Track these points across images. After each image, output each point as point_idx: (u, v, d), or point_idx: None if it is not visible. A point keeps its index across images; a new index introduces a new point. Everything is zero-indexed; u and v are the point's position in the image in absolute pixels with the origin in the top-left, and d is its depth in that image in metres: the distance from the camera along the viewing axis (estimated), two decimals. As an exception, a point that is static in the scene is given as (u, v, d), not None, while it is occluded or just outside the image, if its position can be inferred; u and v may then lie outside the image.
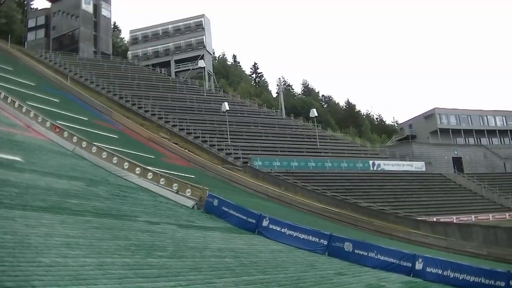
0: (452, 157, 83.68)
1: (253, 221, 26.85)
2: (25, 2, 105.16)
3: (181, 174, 39.05)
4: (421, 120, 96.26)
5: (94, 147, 36.51)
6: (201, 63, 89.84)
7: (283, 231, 25.81)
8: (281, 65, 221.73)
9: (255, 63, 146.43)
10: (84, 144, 37.03)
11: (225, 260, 17.76)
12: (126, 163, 34.44)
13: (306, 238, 25.18)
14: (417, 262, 23.26)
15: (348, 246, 24.39)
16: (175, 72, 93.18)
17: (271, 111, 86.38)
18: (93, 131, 47.55)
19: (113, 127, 58.53)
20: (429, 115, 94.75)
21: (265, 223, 26.43)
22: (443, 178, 76.01)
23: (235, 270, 16.42)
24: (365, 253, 24.02)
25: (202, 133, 66.28)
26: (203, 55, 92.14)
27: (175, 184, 31.73)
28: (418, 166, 75.93)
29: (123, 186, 30.17)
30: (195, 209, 29.57)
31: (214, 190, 32.53)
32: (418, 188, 68.75)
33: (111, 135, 51.52)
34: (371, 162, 72.16)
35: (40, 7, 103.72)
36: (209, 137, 65.58)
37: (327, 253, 24.50)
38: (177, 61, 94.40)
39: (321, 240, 24.96)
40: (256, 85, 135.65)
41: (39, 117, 41.17)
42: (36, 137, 37.96)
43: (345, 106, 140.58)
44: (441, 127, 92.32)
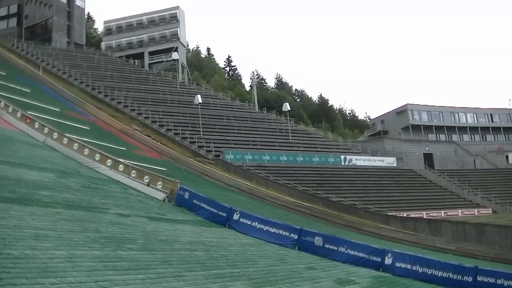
0: (423, 153, 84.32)
1: (224, 214, 26.86)
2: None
3: (152, 167, 38.93)
4: (393, 116, 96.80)
5: (65, 139, 36.30)
6: (175, 55, 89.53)
7: (253, 224, 25.86)
8: (255, 58, 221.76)
9: (229, 56, 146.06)
10: (55, 135, 36.79)
11: (195, 253, 17.78)
12: (98, 155, 34.31)
13: (276, 232, 25.25)
14: (386, 257, 23.44)
15: (318, 241, 24.49)
16: (149, 64, 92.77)
17: (244, 105, 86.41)
18: (64, 122, 47.25)
19: (85, 119, 58.15)
20: (401, 111, 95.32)
21: (236, 216, 26.46)
22: (414, 174, 76.52)
23: (205, 263, 16.45)
24: (335, 247, 24.15)
25: (174, 126, 66.08)
26: (177, 47, 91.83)
27: (146, 177, 31.66)
28: (390, 161, 76.33)
29: (94, 178, 30.05)
30: (166, 201, 29.52)
31: (185, 183, 32.54)
32: (389, 184, 69.13)
33: (83, 127, 51.19)
34: (342, 157, 72.41)
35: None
36: (182, 130, 65.40)
37: (297, 247, 24.60)
38: (150, 53, 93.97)
39: (292, 234, 25.05)
40: (230, 78, 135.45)
41: (10, 107, 40.81)
42: (6, 127, 37.68)
43: (318, 101, 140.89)
44: (412, 123, 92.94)
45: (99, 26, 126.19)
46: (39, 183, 22.69)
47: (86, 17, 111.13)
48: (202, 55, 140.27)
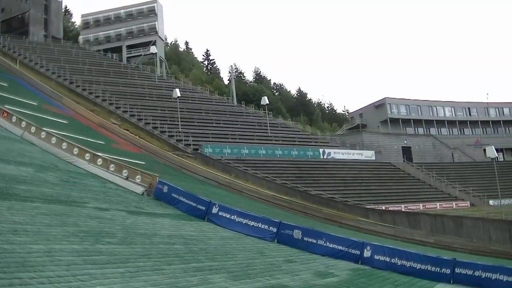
0: (402, 146, 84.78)
1: (203, 208, 26.87)
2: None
3: (131, 161, 38.84)
4: (372, 110, 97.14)
5: (43, 133, 36.10)
6: (153, 49, 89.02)
7: (232, 218, 25.89)
8: (234, 52, 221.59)
9: (207, 50, 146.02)
10: (33, 129, 36.57)
11: (174, 247, 17.78)
12: (76, 149, 34.18)
13: (255, 225, 25.30)
14: (365, 249, 23.60)
15: (297, 234, 24.58)
16: (127, 57, 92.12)
17: (222, 98, 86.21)
18: (42, 116, 46.96)
19: (63, 113, 57.82)
20: (380, 105, 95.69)
21: (214, 210, 26.47)
22: (392, 167, 76.87)
23: (184, 256, 16.46)
24: (314, 240, 24.25)
25: (153, 120, 65.92)
26: (155, 41, 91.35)
27: (125, 171, 31.60)
28: (368, 155, 76.60)
29: (72, 172, 29.93)
30: (144, 195, 29.49)
31: (164, 177, 32.46)
32: (368, 177, 69.36)
33: (61, 121, 50.91)
34: (321, 150, 72.57)
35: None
36: (160, 124, 65.26)
37: (276, 240, 24.68)
38: (128, 47, 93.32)
39: (271, 228, 25.11)
40: (208, 72, 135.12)
41: (-14, 101, 40.57)
42: (-17, 122, 37.44)
43: (297, 94, 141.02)
44: (391, 116, 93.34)
45: (77, 20, 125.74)
46: (17, 178, 22.55)
47: (63, 10, 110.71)
48: (180, 49, 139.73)
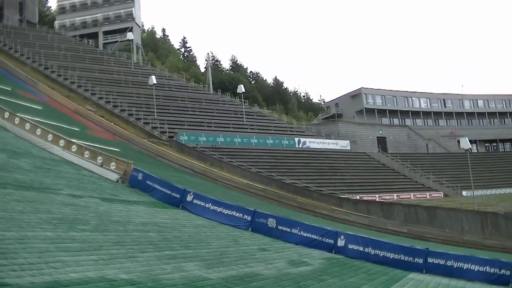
0: (377, 136, 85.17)
1: (178, 195, 26.81)
2: None
3: (106, 148, 38.61)
4: (348, 99, 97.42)
5: (17, 118, 35.79)
6: (129, 35, 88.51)
7: (207, 206, 25.84)
8: (210, 40, 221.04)
9: (184, 38, 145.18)
10: (6, 115, 36.22)
11: (148, 235, 17.71)
12: (50, 135, 33.94)
13: (230, 213, 25.28)
14: (339, 239, 23.70)
15: (271, 222, 24.61)
16: (103, 44, 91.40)
17: (198, 86, 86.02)
18: (16, 101, 46.54)
19: (38, 98, 57.38)
20: (356, 95, 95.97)
21: (189, 198, 26.42)
22: (367, 157, 77.25)
23: (158, 244, 16.41)
24: (288, 229, 24.30)
25: (128, 107, 65.70)
26: (131, 28, 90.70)
27: (99, 157, 31.43)
28: (343, 144, 76.91)
29: (46, 159, 29.73)
30: (119, 183, 29.38)
31: (139, 164, 32.38)
32: (343, 167, 69.72)
33: (35, 106, 50.47)
34: (296, 139, 72.76)
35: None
36: (136, 111, 65.08)
37: (250, 229, 24.69)
38: (105, 33, 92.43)
39: (245, 216, 25.11)
40: (185, 60, 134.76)
41: (-41, 86, 40.21)
42: (-44, 106, 37.09)
43: (273, 83, 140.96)
44: (367, 107, 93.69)
45: (52, 4, 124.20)
46: (-11, 164, 22.39)
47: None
48: (157, 36, 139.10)
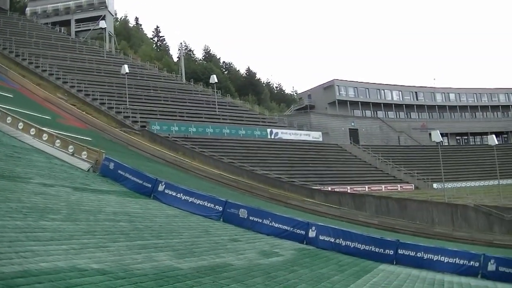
0: (349, 128, 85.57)
1: (149, 185, 26.74)
2: None
3: (77, 136, 38.35)
4: (320, 91, 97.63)
5: (-13, 106, 35.51)
6: (102, 23, 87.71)
7: (178, 196, 25.81)
8: (184, 30, 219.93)
9: (157, 27, 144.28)
10: (-24, 103, 35.95)
11: (119, 224, 17.65)
12: (21, 123, 33.68)
13: (201, 204, 25.26)
14: (310, 230, 23.77)
15: (243, 213, 24.64)
16: (75, 31, 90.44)
17: (171, 76, 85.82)
18: (-14, 89, 46.19)
19: (8, 86, 56.86)
20: (328, 86, 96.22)
21: (161, 187, 26.36)
22: (339, 148, 77.61)
23: (129, 234, 16.37)
24: (259, 220, 24.35)
25: (100, 96, 65.38)
26: (104, 16, 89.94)
27: (71, 146, 31.23)
28: (315, 136, 77.16)
29: (17, 147, 29.50)
30: (90, 172, 29.22)
31: (110, 154, 32.19)
32: (314, 158, 69.94)
33: (6, 94, 50.01)
34: (269, 130, 72.87)
35: None
36: (108, 100, 64.76)
37: (222, 219, 24.70)
38: (77, 21, 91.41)
39: (216, 206, 25.11)
40: (158, 49, 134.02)
41: None
42: None
43: (246, 74, 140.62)
44: (339, 98, 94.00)
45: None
46: (-42, 152, 22.18)
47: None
48: (130, 25, 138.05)
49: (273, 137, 72.69)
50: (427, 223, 53.66)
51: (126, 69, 69.30)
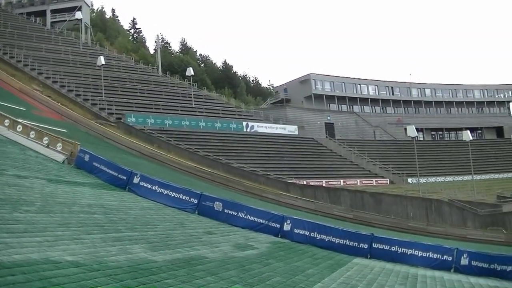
0: (325, 122, 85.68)
1: (124, 177, 26.65)
2: None
3: (52, 128, 38.17)
4: (297, 85, 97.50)
5: (-40, 97, 35.23)
6: (78, 14, 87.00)
7: (153, 188, 25.75)
8: (160, 22, 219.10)
9: (134, 19, 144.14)
10: (-50, 93, 35.66)
11: (94, 216, 17.58)
12: (-5, 114, 33.46)
13: (176, 196, 25.22)
14: (285, 223, 23.83)
15: (218, 206, 24.63)
16: (51, 22, 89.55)
17: (147, 68, 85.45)
18: (-41, 80, 45.76)
19: (-18, 77, 56.48)
20: (305, 80, 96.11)
21: (136, 180, 26.28)
22: (314, 142, 77.70)
23: (104, 226, 16.33)
24: (234, 213, 24.36)
25: (76, 87, 65.02)
26: (80, 7, 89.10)
27: (45, 138, 31.09)
28: (291, 129, 77.22)
29: (-10, 138, 29.33)
30: (65, 164, 29.09)
31: (86, 146, 32.07)
32: (290, 151, 70.01)
33: (-20, 85, 49.69)
34: (245, 123, 72.84)
35: None
36: (83, 91, 64.45)
37: (197, 212, 24.68)
38: (53, 11, 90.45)
39: (192, 199, 25.08)
40: (134, 41, 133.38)
41: None
42: None
43: (222, 67, 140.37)
44: (315, 92, 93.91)
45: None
46: None
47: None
48: (106, 16, 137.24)
49: (249, 130, 72.72)
50: (402, 217, 54.07)
51: (102, 60, 68.95)
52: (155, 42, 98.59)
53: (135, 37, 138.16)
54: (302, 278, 14.79)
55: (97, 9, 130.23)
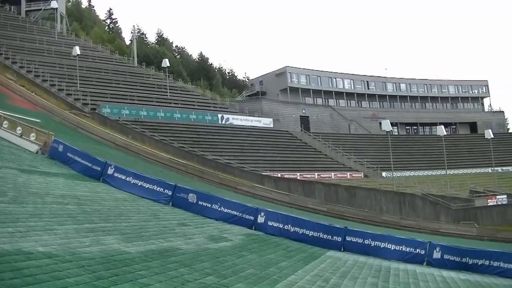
0: (300, 115, 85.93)
1: (98, 168, 26.49)
2: None
3: (26, 118, 37.84)
4: (272, 78, 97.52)
5: None
6: (53, 3, 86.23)
7: (128, 179, 25.63)
8: (137, 12, 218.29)
9: (110, 9, 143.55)
10: None
11: (67, 207, 17.49)
12: (-32, 103, 33.18)
13: (150, 187, 25.13)
14: (259, 215, 23.85)
15: (192, 197, 24.58)
16: (26, 11, 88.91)
17: (123, 59, 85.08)
18: None
19: (-45, 65, 55.89)
20: (280, 73, 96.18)
21: (110, 171, 26.15)
22: (289, 135, 77.87)
23: (77, 217, 16.23)
24: (209, 205, 24.33)
25: (50, 77, 64.55)
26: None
27: (19, 128, 30.84)
28: (266, 122, 77.28)
29: (-38, 128, 29.05)
30: (39, 154, 28.91)
31: (60, 136, 31.84)
32: (265, 144, 70.15)
33: (-48, 73, 49.17)
34: (220, 115, 72.80)
35: None
36: (58, 81, 64.01)
37: (171, 204, 24.63)
38: (28, 0, 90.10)
39: (166, 190, 25.01)
40: (110, 31, 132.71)
41: None
42: None
43: (198, 59, 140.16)
44: (291, 85, 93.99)
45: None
46: None
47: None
48: (82, 6, 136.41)
49: (224, 122, 72.67)
50: (376, 211, 54.42)
51: (77, 50, 68.40)
52: (131, 33, 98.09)
53: (111, 27, 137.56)
54: (276, 271, 14.81)
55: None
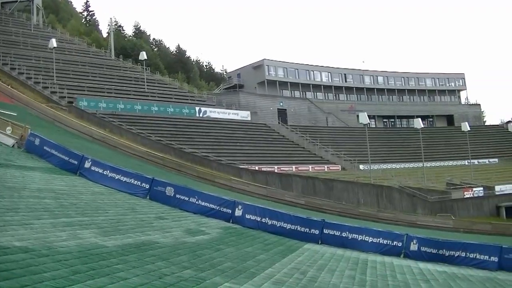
0: (278, 108, 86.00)
1: (75, 162, 26.37)
2: None
3: (2, 111, 37.61)
4: (250, 70, 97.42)
5: None
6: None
7: (105, 173, 25.56)
8: (114, 5, 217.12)
9: (87, 1, 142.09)
10: None
11: (44, 201, 17.41)
12: None
13: (128, 181, 25.07)
14: (236, 209, 23.92)
15: (169, 191, 24.59)
16: (1, 3, 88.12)
17: (100, 52, 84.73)
18: None
19: None
20: (258, 66, 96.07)
21: (87, 164, 26.03)
22: (267, 128, 77.93)
23: (54, 211, 16.17)
24: (186, 198, 24.36)
25: (27, 70, 64.16)
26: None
27: (-5, 121, 30.68)
28: (244, 115, 77.27)
29: None
30: (15, 148, 28.78)
31: (36, 129, 31.69)
32: (242, 137, 70.19)
33: None
34: (197, 108, 72.67)
35: None
36: (34, 74, 63.59)
37: (148, 197, 24.63)
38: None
39: (143, 184, 24.99)
40: (87, 24, 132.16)
41: None
42: None
43: (176, 51, 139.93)
44: (268, 78, 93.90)
45: None
46: None
47: None
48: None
49: (201, 115, 72.55)
50: (353, 203, 54.69)
51: (54, 43, 67.92)
52: (108, 25, 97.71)
53: (88, 20, 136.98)
54: (253, 264, 14.86)
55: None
